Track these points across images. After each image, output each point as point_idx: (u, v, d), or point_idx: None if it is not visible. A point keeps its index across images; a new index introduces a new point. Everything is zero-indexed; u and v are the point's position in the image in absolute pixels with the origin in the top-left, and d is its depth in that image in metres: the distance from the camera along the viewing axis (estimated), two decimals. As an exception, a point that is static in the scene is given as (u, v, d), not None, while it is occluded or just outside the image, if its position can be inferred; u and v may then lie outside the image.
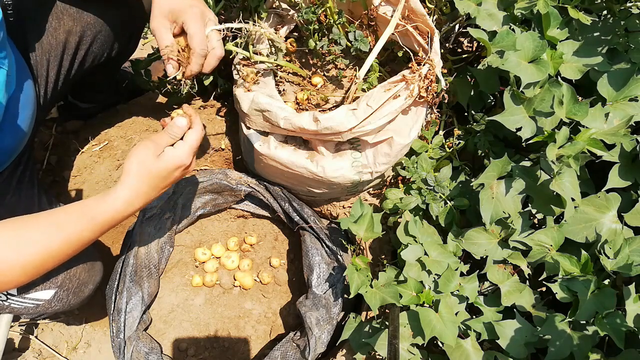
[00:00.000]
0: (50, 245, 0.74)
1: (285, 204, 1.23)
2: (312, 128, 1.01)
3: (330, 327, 1.09)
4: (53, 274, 0.95)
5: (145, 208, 1.19)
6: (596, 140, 0.94)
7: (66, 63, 1.05)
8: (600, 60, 1.04)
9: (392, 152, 1.09)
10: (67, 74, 1.06)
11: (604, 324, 0.87)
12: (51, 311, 1.00)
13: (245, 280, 1.32)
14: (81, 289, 1.01)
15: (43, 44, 1.00)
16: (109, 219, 0.78)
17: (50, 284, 0.96)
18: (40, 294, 0.96)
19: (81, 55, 1.07)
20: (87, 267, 1.02)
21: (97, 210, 0.77)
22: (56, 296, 0.98)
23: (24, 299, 0.96)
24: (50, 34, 1.00)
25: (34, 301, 0.96)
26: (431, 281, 1.01)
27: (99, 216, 0.77)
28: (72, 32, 1.03)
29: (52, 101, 1.08)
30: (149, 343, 1.09)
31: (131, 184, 0.78)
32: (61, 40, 1.02)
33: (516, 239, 1.01)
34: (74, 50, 1.04)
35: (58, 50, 1.02)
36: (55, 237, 0.74)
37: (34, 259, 0.73)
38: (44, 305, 0.97)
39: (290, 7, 1.18)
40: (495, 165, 1.00)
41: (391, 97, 1.01)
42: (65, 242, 0.75)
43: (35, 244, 0.73)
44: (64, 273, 0.97)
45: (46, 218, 0.75)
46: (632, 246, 0.91)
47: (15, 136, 0.94)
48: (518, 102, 1.02)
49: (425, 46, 1.07)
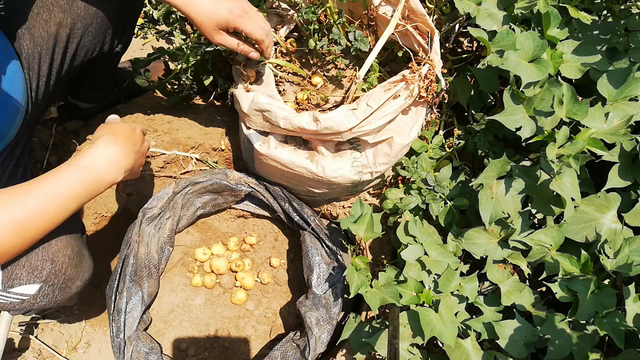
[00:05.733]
0: (32, 204, 0.79)
1: (285, 204, 1.23)
2: (312, 128, 1.01)
3: (330, 327, 1.09)
4: (38, 267, 0.93)
5: (145, 208, 1.20)
6: (596, 140, 0.94)
7: (58, 57, 1.05)
8: (600, 60, 1.04)
9: (392, 152, 1.09)
10: (59, 68, 1.07)
11: (603, 323, 0.87)
12: (37, 307, 0.97)
13: (246, 281, 1.32)
14: (68, 284, 0.98)
15: (34, 37, 1.00)
16: (86, 164, 0.85)
17: (34, 278, 0.93)
18: (25, 289, 0.93)
19: (72, 49, 1.07)
20: (73, 263, 0.98)
21: (72, 163, 0.85)
22: (41, 291, 0.95)
23: (8, 294, 0.93)
24: (41, 26, 1.01)
25: (19, 296, 0.94)
26: (431, 281, 1.01)
27: (75, 164, 0.85)
28: (63, 25, 1.03)
29: (47, 97, 1.07)
30: (148, 343, 1.09)
31: (94, 141, 0.90)
32: (52, 33, 1.02)
33: (516, 239, 1.01)
34: (65, 43, 1.04)
35: (49, 43, 1.02)
36: (35, 195, 0.80)
37: (23, 216, 0.78)
38: (29, 300, 0.95)
39: (290, 7, 1.18)
40: (494, 165, 1.00)
41: (391, 97, 1.01)
42: (45, 198, 0.80)
43: (19, 204, 0.78)
44: (48, 267, 0.94)
45: (24, 185, 0.81)
46: (632, 246, 0.91)
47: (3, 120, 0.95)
48: (518, 102, 1.02)
49: (425, 46, 1.07)
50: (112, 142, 0.90)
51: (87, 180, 0.85)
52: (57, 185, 0.82)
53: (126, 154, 0.92)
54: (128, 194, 1.40)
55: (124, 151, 0.91)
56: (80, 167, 0.85)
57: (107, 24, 1.11)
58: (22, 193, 0.79)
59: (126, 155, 0.92)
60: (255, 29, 0.99)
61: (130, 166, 0.93)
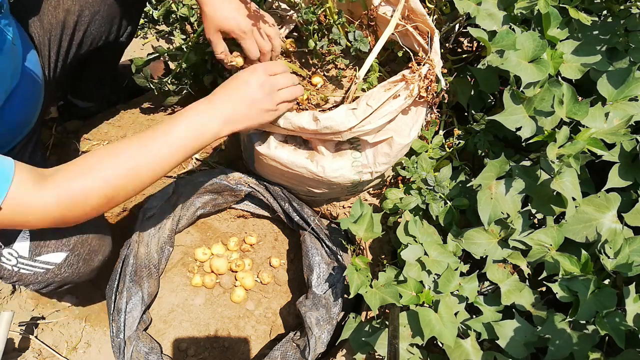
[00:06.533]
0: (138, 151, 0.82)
1: (285, 204, 1.24)
2: (312, 127, 1.01)
3: (330, 327, 1.09)
4: (66, 235, 0.95)
5: (145, 208, 1.20)
6: (596, 140, 0.94)
7: (64, 44, 1.06)
8: (600, 60, 1.04)
9: (392, 152, 1.09)
10: (65, 55, 1.08)
11: (604, 323, 0.87)
12: (59, 279, 0.99)
13: (246, 281, 1.32)
14: (91, 257, 1.01)
15: (44, 23, 1.01)
16: (192, 114, 0.88)
17: (62, 246, 0.96)
18: (52, 257, 0.95)
19: (79, 36, 1.08)
20: (98, 236, 1.02)
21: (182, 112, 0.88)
22: (67, 260, 0.97)
23: (35, 262, 0.95)
24: (50, 12, 1.02)
25: (45, 265, 0.96)
26: (431, 281, 1.01)
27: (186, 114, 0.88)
28: (71, 12, 1.04)
29: (53, 85, 1.08)
30: (148, 343, 1.09)
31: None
32: (60, 20, 1.03)
33: (516, 239, 1.01)
34: (72, 30, 1.06)
35: (57, 30, 1.03)
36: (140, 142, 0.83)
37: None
38: (53, 270, 0.96)
39: (289, 8, 1.18)
40: (493, 166, 1.00)
41: (391, 96, 1.01)
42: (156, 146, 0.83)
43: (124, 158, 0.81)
44: (76, 236, 0.96)
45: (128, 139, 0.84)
46: (632, 246, 0.91)
47: (26, 110, 0.96)
48: (518, 102, 1.02)
49: (425, 46, 1.07)
50: (213, 96, 0.92)
51: (195, 129, 0.87)
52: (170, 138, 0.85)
53: (231, 106, 0.91)
54: None
55: (228, 103, 0.91)
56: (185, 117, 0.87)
57: (115, 12, 1.12)
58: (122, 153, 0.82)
59: (229, 107, 0.91)
60: (252, 50, 0.99)
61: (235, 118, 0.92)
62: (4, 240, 0.92)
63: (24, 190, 0.72)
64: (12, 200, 0.71)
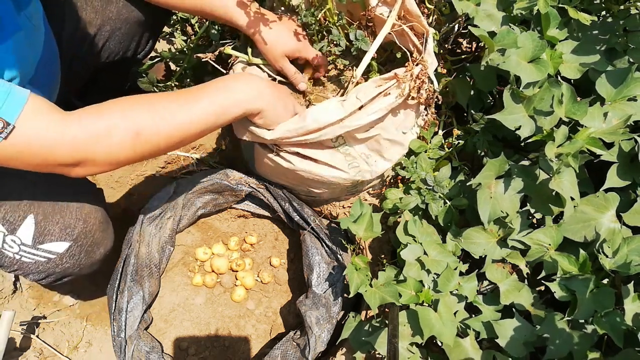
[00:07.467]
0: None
1: (285, 204, 1.24)
2: (300, 125, 0.99)
3: (330, 326, 1.09)
4: (71, 224, 0.95)
5: (146, 208, 1.20)
6: (595, 139, 0.94)
7: (79, 54, 1.09)
8: (599, 60, 1.04)
9: (388, 153, 1.09)
10: (80, 59, 1.11)
11: (602, 322, 0.87)
12: (60, 270, 0.99)
13: (246, 280, 1.32)
14: (93, 249, 1.01)
15: (65, 30, 1.04)
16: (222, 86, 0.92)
17: (66, 236, 0.96)
18: (54, 246, 0.96)
19: (97, 48, 1.11)
20: (102, 227, 1.02)
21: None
22: (69, 251, 0.97)
23: (37, 251, 0.95)
24: (72, 20, 1.05)
25: (47, 254, 0.96)
26: (430, 280, 1.01)
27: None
28: (92, 24, 1.07)
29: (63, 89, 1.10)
30: (149, 342, 1.09)
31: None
32: (79, 29, 1.06)
33: (515, 238, 1.02)
34: (90, 40, 1.08)
35: (75, 38, 1.06)
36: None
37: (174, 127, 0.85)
38: (55, 260, 0.97)
39: (289, 12, 1.18)
40: (492, 165, 1.00)
41: (381, 93, 1.00)
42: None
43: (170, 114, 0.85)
44: (81, 226, 0.97)
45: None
46: (631, 245, 0.91)
47: (49, 93, 0.98)
48: (518, 101, 1.02)
49: (419, 47, 1.07)
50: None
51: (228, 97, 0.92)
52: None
53: (259, 89, 0.95)
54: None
55: (258, 86, 0.96)
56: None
57: (135, 31, 1.14)
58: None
59: (257, 89, 0.95)
60: (315, 53, 1.08)
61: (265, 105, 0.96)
62: (8, 227, 0.93)
63: (41, 115, 0.74)
64: (28, 123, 0.72)
